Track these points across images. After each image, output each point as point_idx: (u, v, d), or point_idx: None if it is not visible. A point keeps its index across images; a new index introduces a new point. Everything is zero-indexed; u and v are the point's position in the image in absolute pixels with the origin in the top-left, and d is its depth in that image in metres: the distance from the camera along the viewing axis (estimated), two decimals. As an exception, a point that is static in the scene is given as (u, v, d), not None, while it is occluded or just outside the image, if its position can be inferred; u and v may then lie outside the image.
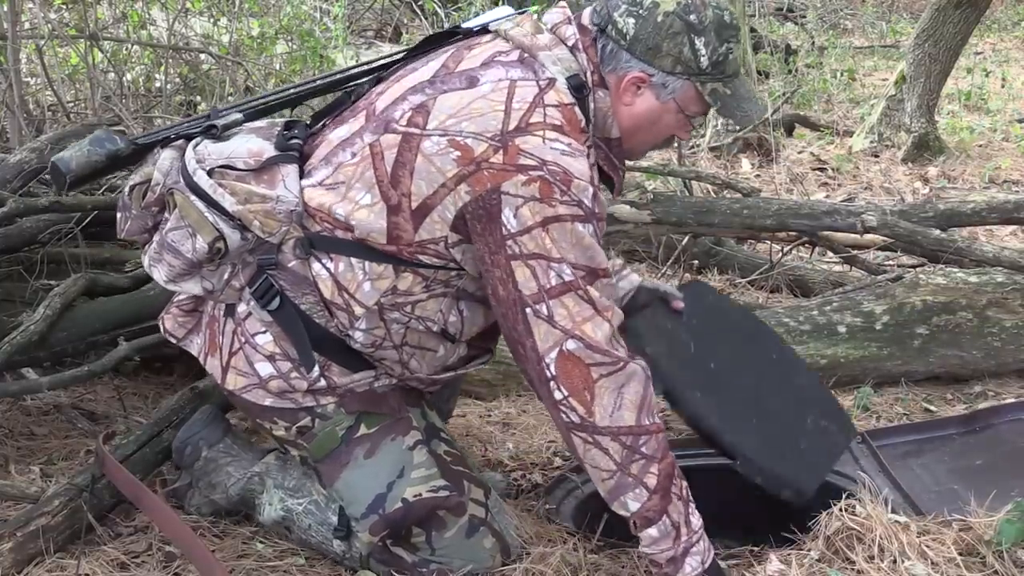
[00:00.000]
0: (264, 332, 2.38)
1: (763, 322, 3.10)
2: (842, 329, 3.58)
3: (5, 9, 4.77)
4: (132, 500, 2.67)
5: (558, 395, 2.21)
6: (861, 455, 2.93)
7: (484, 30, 2.43)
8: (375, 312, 2.33)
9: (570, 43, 2.32)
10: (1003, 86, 9.92)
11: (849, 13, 14.57)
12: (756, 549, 2.51)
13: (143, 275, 3.49)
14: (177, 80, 6.45)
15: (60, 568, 2.48)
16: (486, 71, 2.29)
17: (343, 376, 2.40)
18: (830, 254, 4.79)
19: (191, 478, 2.77)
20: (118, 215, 2.46)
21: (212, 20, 6.83)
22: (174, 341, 2.59)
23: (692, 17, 2.27)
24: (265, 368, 2.40)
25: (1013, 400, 3.46)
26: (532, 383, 2.28)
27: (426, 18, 9.65)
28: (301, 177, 2.35)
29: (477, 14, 3.04)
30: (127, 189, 2.41)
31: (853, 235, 4.31)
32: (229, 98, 6.17)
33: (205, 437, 2.77)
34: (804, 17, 13.44)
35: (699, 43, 2.27)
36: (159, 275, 2.40)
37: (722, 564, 2.38)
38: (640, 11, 2.29)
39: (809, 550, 2.45)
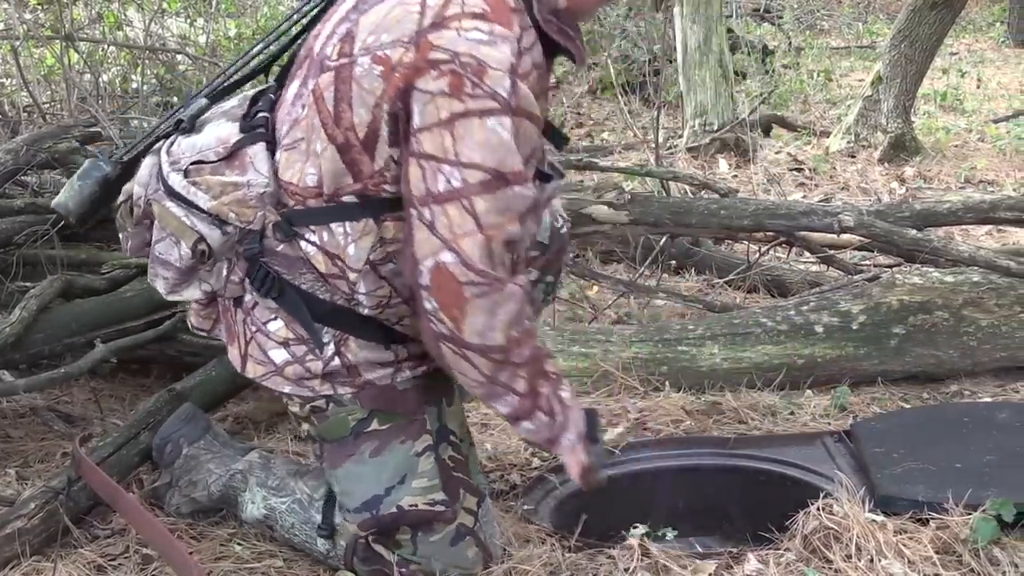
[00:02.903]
0: (275, 319, 2.32)
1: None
2: (819, 329, 3.59)
3: (-20, 10, 4.75)
4: (109, 503, 2.66)
5: (428, 305, 2.14)
6: (838, 454, 2.94)
7: None
8: (369, 272, 2.26)
9: None
10: (978, 87, 9.97)
11: (826, 14, 14.62)
12: (734, 549, 2.51)
13: (120, 277, 3.50)
14: (154, 81, 6.43)
15: (36, 571, 2.47)
16: None
17: (361, 351, 2.32)
18: (807, 254, 4.80)
19: (171, 477, 2.75)
20: (120, 236, 2.46)
21: (189, 21, 6.83)
22: (204, 335, 2.55)
23: None
24: (279, 355, 2.34)
25: (988, 400, 3.48)
26: (411, 288, 2.21)
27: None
28: (274, 151, 2.30)
29: None
30: (117, 209, 2.41)
31: (830, 235, 4.33)
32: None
33: (186, 434, 2.75)
34: (781, 18, 13.48)
35: None
36: (160, 288, 2.38)
37: (597, 419, 2.35)
38: None
39: (787, 549, 2.46)
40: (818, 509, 2.48)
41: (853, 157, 7.38)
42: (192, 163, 2.28)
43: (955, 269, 3.78)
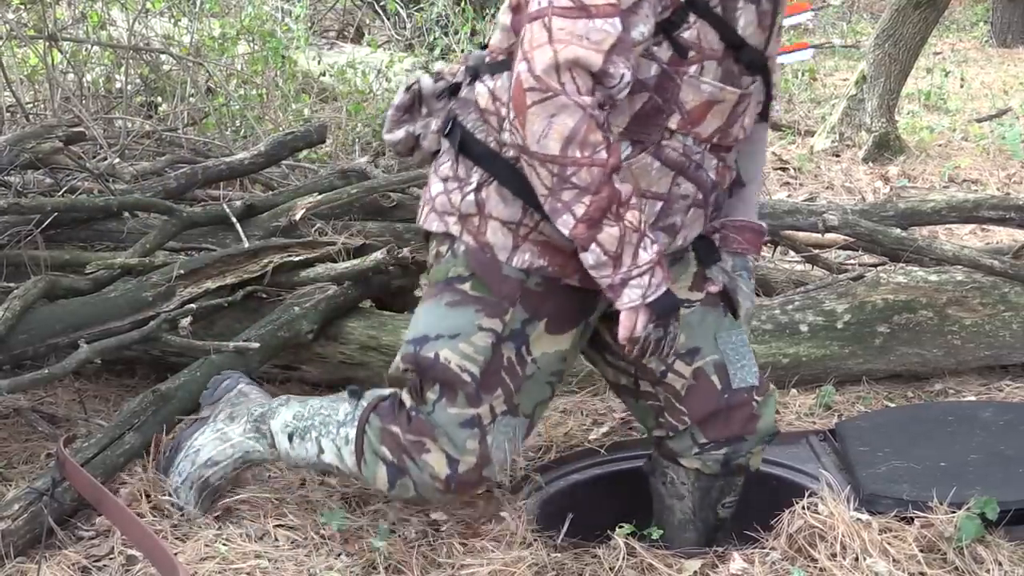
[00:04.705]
0: (446, 160, 2.52)
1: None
2: (804, 328, 3.60)
3: (-38, 9, 4.73)
4: (93, 504, 2.66)
5: (510, 115, 2.28)
6: (823, 453, 2.95)
7: None
8: None
9: None
10: (962, 86, 10.00)
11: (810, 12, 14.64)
12: (719, 549, 2.51)
13: (104, 277, 3.48)
14: (138, 81, 6.41)
15: (20, 573, 2.47)
16: None
17: (498, 203, 2.43)
18: (792, 253, 4.80)
19: (210, 414, 2.84)
20: None
21: (173, 21, 6.80)
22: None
23: None
24: (437, 187, 2.52)
25: (973, 398, 3.49)
26: None
27: (388, 19, 9.64)
28: None
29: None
30: None
31: (815, 234, 4.34)
32: (190, 99, 6.15)
33: (244, 377, 2.95)
34: (765, 17, 13.48)
35: None
36: (385, 128, 2.68)
37: (680, 306, 2.41)
38: None
39: (772, 548, 2.47)
40: (803, 508, 2.49)
41: (837, 156, 7.39)
42: None
43: (939, 268, 3.79)
